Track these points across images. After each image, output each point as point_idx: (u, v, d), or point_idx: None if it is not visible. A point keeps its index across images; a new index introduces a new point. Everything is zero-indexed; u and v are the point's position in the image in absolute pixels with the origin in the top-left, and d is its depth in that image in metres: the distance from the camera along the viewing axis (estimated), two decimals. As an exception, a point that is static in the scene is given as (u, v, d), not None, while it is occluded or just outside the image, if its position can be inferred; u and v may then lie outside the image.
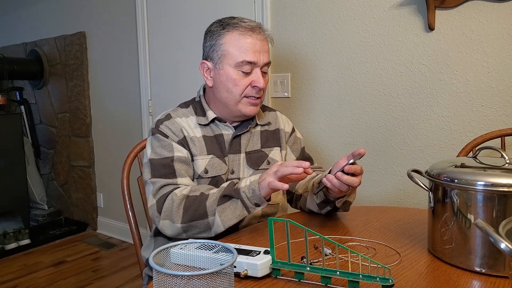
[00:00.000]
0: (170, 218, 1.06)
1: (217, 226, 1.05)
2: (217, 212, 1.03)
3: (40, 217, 3.43)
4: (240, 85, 1.16)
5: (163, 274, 0.56)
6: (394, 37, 1.74)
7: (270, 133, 1.29)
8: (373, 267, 0.82)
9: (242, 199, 1.03)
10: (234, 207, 1.04)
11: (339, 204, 1.11)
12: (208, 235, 1.07)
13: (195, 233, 1.07)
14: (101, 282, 2.45)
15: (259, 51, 1.15)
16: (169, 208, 1.06)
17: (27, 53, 3.63)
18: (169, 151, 1.14)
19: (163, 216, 1.07)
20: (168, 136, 1.16)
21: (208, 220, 1.04)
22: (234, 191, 1.04)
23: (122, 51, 2.90)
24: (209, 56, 1.19)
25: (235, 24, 1.15)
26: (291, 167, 0.97)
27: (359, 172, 1.01)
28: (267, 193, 1.01)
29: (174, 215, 1.05)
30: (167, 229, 1.08)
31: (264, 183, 1.01)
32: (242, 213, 1.04)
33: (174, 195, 1.07)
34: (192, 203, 1.05)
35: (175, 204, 1.06)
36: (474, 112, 1.60)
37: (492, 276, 0.78)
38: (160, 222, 1.08)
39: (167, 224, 1.07)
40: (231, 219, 1.04)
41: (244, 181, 1.06)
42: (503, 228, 0.58)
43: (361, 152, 0.98)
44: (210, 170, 1.17)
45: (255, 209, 1.04)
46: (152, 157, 1.15)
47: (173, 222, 1.06)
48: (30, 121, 3.57)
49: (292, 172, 0.97)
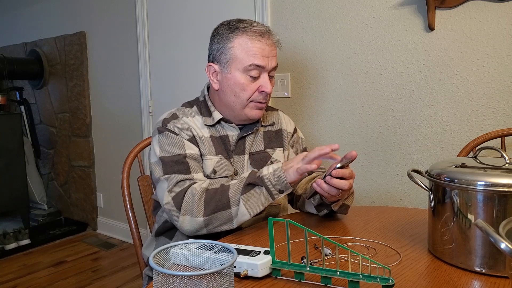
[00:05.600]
0: (190, 213, 1.04)
1: (241, 215, 1.04)
2: (242, 201, 1.03)
3: (40, 217, 3.43)
4: (248, 90, 1.15)
5: (163, 274, 0.56)
6: (394, 37, 1.74)
7: (273, 134, 1.29)
8: (373, 267, 0.82)
9: (267, 186, 1.04)
10: (259, 194, 1.04)
11: (335, 207, 1.11)
12: (229, 227, 1.06)
13: (216, 225, 1.05)
14: (101, 282, 2.45)
15: (267, 56, 1.14)
16: (190, 203, 1.04)
17: (27, 53, 3.63)
18: (180, 149, 1.12)
19: (183, 212, 1.04)
20: (178, 134, 1.14)
21: (231, 210, 1.04)
22: (257, 179, 1.05)
23: (122, 51, 2.90)
24: (216, 58, 1.17)
25: (244, 28, 1.14)
26: (317, 150, 1.00)
27: (348, 176, 1.00)
28: (294, 179, 1.03)
29: (195, 209, 1.03)
30: (186, 225, 1.05)
31: (292, 169, 1.03)
32: (267, 199, 1.05)
33: (193, 189, 1.05)
34: (214, 195, 1.04)
35: (196, 198, 1.04)
36: (474, 112, 1.60)
37: (492, 276, 0.78)
38: (180, 218, 1.05)
39: (187, 220, 1.05)
40: (257, 206, 1.04)
41: (266, 169, 1.06)
42: (503, 228, 0.58)
43: (349, 156, 0.98)
44: (219, 170, 1.16)
45: (279, 196, 1.05)
46: (162, 155, 1.12)
47: (194, 217, 1.04)
48: (30, 121, 3.57)
49: (320, 153, 1.00)
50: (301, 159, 1.03)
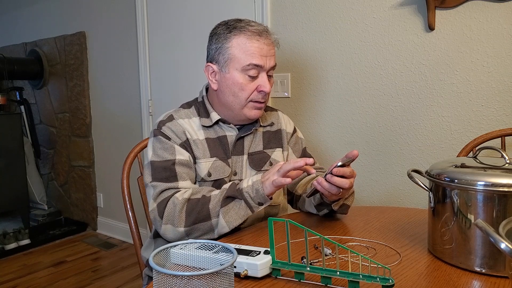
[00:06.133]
0: (172, 223, 1.06)
1: (221, 227, 1.05)
2: (221, 214, 1.04)
3: (40, 217, 3.43)
4: (247, 89, 1.15)
5: (163, 274, 0.56)
6: (394, 37, 1.74)
7: (272, 134, 1.29)
8: (373, 267, 0.82)
9: (246, 199, 1.04)
10: (238, 207, 1.04)
11: (335, 207, 1.11)
12: (211, 237, 1.07)
13: (197, 235, 1.07)
14: (101, 282, 2.45)
15: (266, 55, 1.14)
16: (171, 213, 1.06)
17: (27, 53, 3.63)
18: (170, 154, 1.14)
19: (165, 221, 1.07)
20: (171, 138, 1.15)
21: (211, 222, 1.05)
22: (237, 192, 1.05)
23: (122, 51, 2.90)
24: (215, 59, 1.18)
25: (242, 28, 1.14)
26: (292, 163, 0.99)
27: (349, 174, 1.00)
28: (271, 191, 1.03)
29: (176, 219, 1.05)
30: (169, 233, 1.08)
31: (268, 182, 1.02)
32: (246, 213, 1.05)
33: (175, 199, 1.07)
34: (195, 206, 1.05)
35: (177, 208, 1.05)
36: (474, 112, 1.60)
37: (492, 276, 0.78)
38: (162, 227, 1.07)
39: (169, 229, 1.07)
40: (236, 219, 1.05)
41: (246, 181, 1.06)
42: (503, 228, 0.58)
43: (350, 155, 0.97)
44: (214, 173, 1.17)
45: (259, 209, 1.05)
46: (153, 159, 1.14)
47: (175, 227, 1.06)
48: (30, 121, 3.57)
49: (294, 166, 0.99)
50: (276, 171, 1.02)
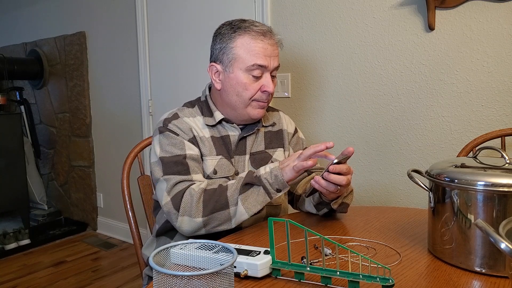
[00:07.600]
0: (189, 214, 1.05)
1: (240, 215, 1.05)
2: (240, 201, 1.04)
3: (40, 217, 3.43)
4: (250, 89, 1.15)
5: (163, 274, 0.56)
6: (394, 37, 1.74)
7: (274, 134, 1.29)
8: (373, 267, 0.82)
9: (264, 185, 1.04)
10: (256, 194, 1.05)
11: (335, 205, 1.11)
12: (228, 227, 1.06)
13: (214, 225, 1.06)
14: (101, 282, 2.45)
15: (270, 56, 1.15)
16: (188, 204, 1.05)
17: (27, 53, 3.63)
18: (180, 149, 1.13)
19: (182, 213, 1.05)
20: (179, 134, 1.15)
21: (229, 210, 1.04)
22: (255, 178, 1.05)
23: (122, 51, 2.90)
24: (218, 58, 1.18)
25: (247, 28, 1.15)
26: (312, 147, 1.01)
27: (345, 171, 1.01)
28: (291, 177, 1.04)
29: (193, 210, 1.04)
30: (185, 225, 1.06)
31: (288, 168, 1.03)
32: (265, 199, 1.05)
33: (192, 190, 1.06)
34: (212, 195, 1.05)
35: (194, 199, 1.04)
36: (474, 112, 1.60)
37: (492, 276, 0.78)
38: (179, 219, 1.06)
39: (186, 220, 1.05)
40: (255, 205, 1.05)
41: (263, 169, 1.07)
42: (503, 228, 0.58)
43: (346, 152, 0.98)
44: (219, 171, 1.17)
45: (277, 195, 1.06)
46: (162, 155, 1.13)
47: (192, 217, 1.04)
48: (30, 121, 3.57)
49: (315, 150, 1.00)
50: (296, 157, 1.04)
